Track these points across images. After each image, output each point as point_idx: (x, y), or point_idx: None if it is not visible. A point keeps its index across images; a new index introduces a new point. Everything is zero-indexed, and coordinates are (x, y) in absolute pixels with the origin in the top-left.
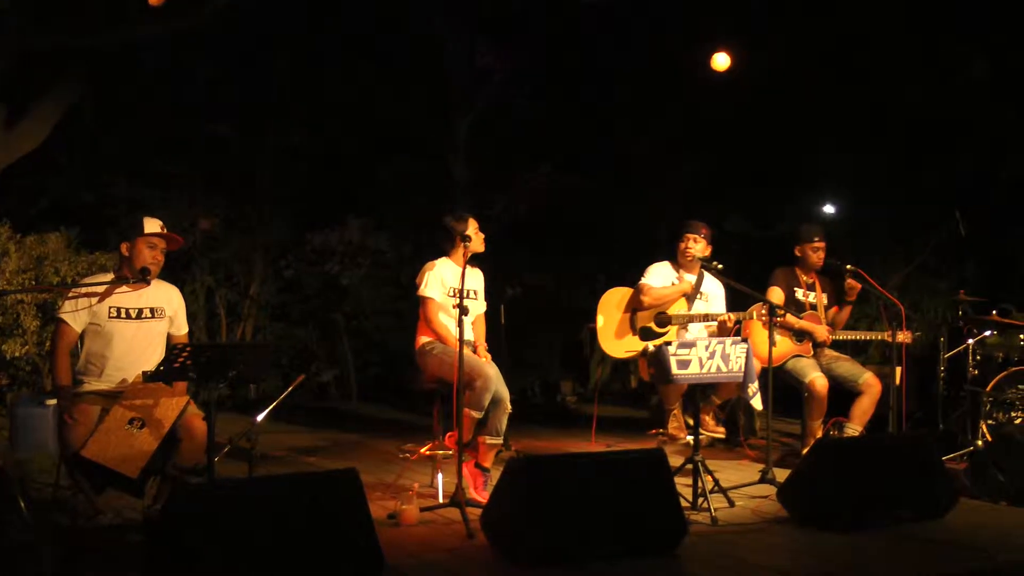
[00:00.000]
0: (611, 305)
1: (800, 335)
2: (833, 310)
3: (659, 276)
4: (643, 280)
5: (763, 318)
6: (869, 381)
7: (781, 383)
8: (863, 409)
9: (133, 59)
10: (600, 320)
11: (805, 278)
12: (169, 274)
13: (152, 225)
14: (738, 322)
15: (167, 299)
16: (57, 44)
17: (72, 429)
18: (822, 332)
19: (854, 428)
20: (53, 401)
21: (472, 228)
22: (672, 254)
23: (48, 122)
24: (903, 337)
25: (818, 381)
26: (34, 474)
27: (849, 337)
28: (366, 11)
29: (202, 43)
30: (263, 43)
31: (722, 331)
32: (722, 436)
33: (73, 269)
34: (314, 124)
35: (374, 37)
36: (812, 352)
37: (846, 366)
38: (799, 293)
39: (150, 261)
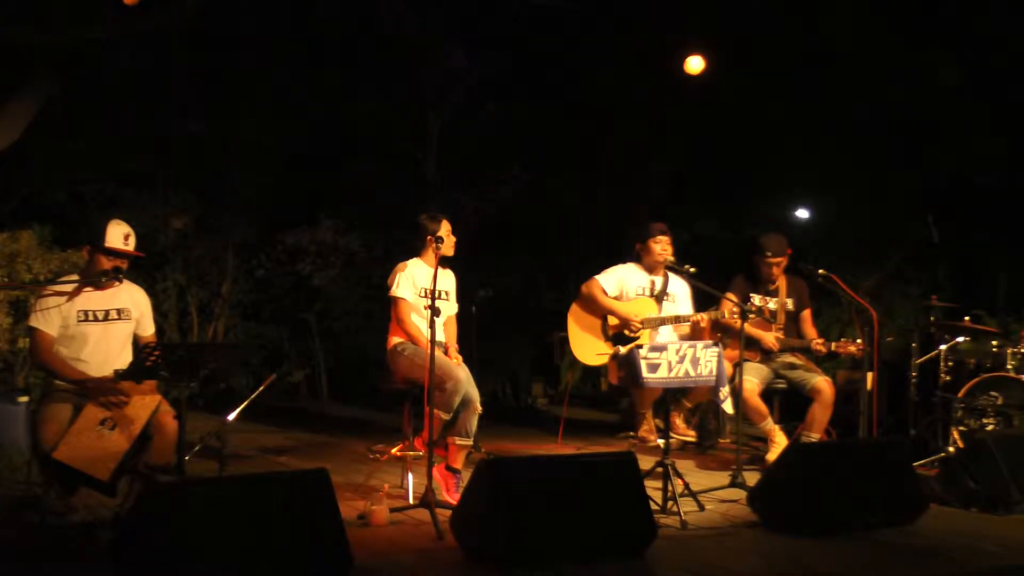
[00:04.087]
0: (582, 311)
1: (748, 341)
2: (806, 313)
3: (618, 278)
4: (597, 276)
5: (734, 316)
6: (818, 386)
7: None
8: (815, 416)
9: (103, 57)
10: (571, 327)
11: (767, 285)
12: (141, 272)
13: (115, 235)
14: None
15: (133, 300)
16: (28, 42)
17: (44, 427)
18: (768, 339)
19: (810, 436)
20: (25, 398)
21: (445, 230)
22: (635, 256)
23: (20, 121)
24: (853, 348)
25: (745, 384)
26: (5, 471)
27: (795, 345)
28: (338, 11)
29: (173, 41)
30: (234, 41)
31: (694, 331)
32: (693, 439)
33: (45, 267)
34: (285, 124)
35: (346, 37)
36: (759, 358)
37: (798, 372)
38: (756, 299)
39: (109, 269)
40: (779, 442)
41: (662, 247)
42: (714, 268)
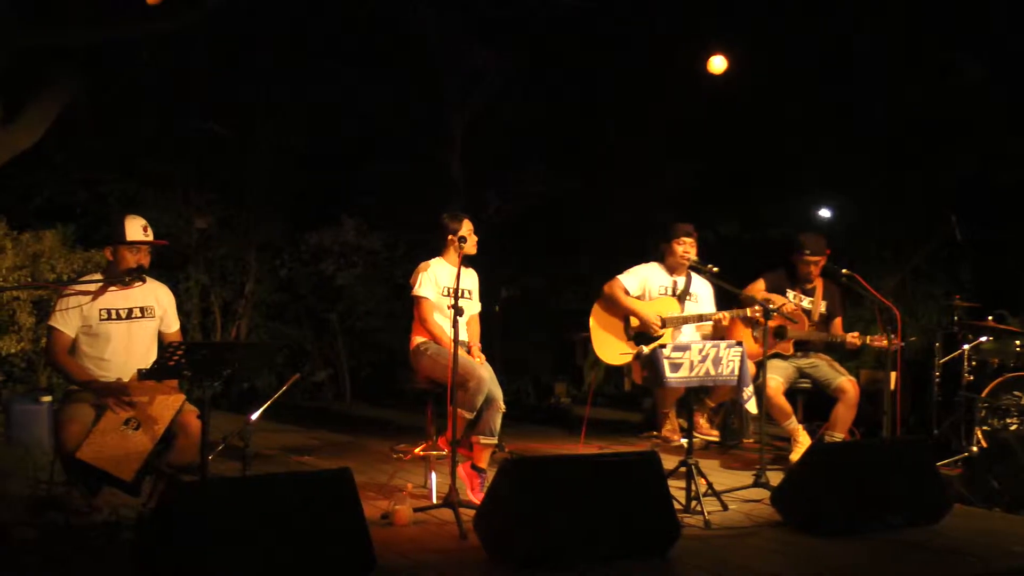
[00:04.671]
0: (604, 311)
1: (780, 333)
2: (837, 321)
3: (640, 277)
4: (620, 275)
5: (756, 314)
6: (843, 386)
7: None
8: (839, 416)
9: (126, 57)
10: (593, 327)
11: (804, 284)
12: (164, 272)
13: (134, 229)
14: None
15: (156, 298)
16: (52, 42)
17: (67, 427)
18: (799, 314)
19: (834, 436)
20: (48, 398)
21: (467, 229)
22: (659, 256)
23: (44, 120)
24: (885, 342)
25: (770, 383)
26: (29, 471)
27: (828, 339)
28: (360, 10)
29: (195, 41)
30: (256, 41)
31: (717, 330)
32: (716, 439)
33: (69, 266)
34: (308, 123)
35: (368, 36)
36: (792, 351)
37: (823, 370)
38: (791, 295)
39: (133, 266)
40: (802, 442)
41: (684, 248)
42: (738, 269)
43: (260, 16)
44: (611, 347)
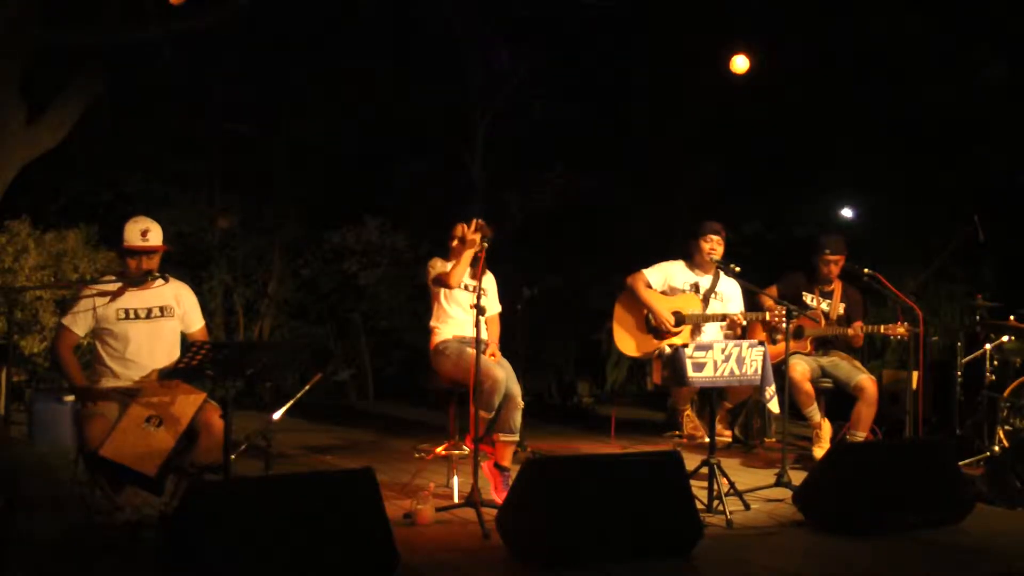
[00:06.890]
0: (626, 304)
1: (797, 333)
2: (857, 325)
3: (665, 273)
4: (644, 270)
5: (775, 318)
6: (862, 384)
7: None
8: (861, 415)
9: (151, 57)
10: (615, 320)
11: (822, 286)
12: (187, 271)
13: (133, 233)
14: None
15: (176, 297)
16: (75, 42)
17: (90, 426)
18: (817, 314)
19: (857, 435)
20: (71, 397)
21: (469, 232)
22: (686, 253)
23: (67, 120)
24: (902, 330)
25: (796, 368)
26: (52, 470)
27: (838, 332)
28: (384, 11)
29: (220, 41)
30: (281, 41)
31: (732, 328)
32: (728, 440)
33: (92, 266)
34: (331, 124)
35: (392, 37)
36: (810, 350)
37: (843, 369)
38: (808, 298)
39: (134, 271)
40: (825, 437)
41: (711, 246)
42: (762, 268)
43: (284, 16)
44: (630, 340)
